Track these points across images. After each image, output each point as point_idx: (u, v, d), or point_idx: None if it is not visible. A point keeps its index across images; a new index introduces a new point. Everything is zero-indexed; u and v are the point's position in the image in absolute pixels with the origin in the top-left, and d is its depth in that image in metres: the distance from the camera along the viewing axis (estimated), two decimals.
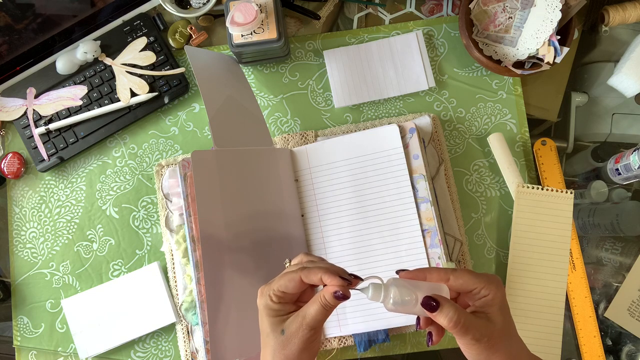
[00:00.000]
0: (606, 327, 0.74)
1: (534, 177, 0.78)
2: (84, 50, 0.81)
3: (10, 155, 0.82)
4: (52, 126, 0.81)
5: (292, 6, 0.83)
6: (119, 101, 0.81)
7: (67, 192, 0.83)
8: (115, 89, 0.82)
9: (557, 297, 0.72)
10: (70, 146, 0.82)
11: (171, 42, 0.83)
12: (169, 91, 0.82)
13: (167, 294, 0.77)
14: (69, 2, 0.81)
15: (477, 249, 0.77)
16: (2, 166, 0.81)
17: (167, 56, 0.82)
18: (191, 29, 0.83)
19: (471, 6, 0.77)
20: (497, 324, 0.45)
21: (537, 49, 0.74)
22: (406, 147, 0.74)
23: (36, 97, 0.83)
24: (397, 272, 0.48)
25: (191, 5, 0.83)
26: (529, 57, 0.76)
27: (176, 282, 0.77)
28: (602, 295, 0.75)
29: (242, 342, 0.65)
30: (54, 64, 0.83)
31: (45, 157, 0.81)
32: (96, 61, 0.83)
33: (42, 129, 0.81)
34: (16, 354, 0.80)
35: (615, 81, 0.78)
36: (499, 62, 0.76)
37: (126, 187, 0.82)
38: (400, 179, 0.73)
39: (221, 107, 0.70)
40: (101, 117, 0.82)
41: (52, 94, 0.83)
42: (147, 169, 0.82)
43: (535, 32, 0.74)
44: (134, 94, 0.81)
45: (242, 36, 0.73)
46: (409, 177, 0.72)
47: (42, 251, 0.82)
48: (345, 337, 0.73)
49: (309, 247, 0.74)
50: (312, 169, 0.76)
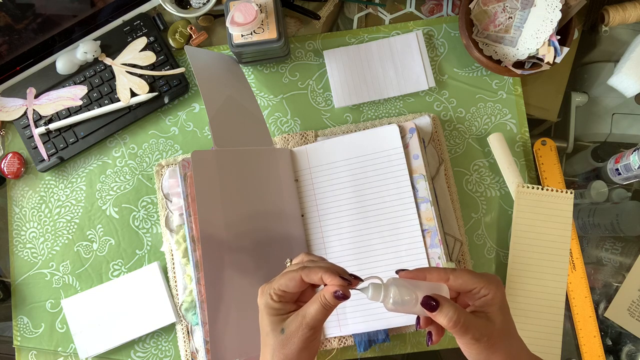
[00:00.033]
0: (606, 327, 0.74)
1: (534, 177, 0.78)
2: (84, 50, 0.81)
3: (10, 155, 0.82)
4: (52, 126, 0.81)
5: (292, 6, 0.83)
6: (119, 101, 0.81)
7: (67, 192, 0.83)
8: (115, 89, 0.82)
9: (557, 297, 0.72)
10: (70, 146, 0.82)
11: (171, 42, 0.83)
12: (169, 91, 0.82)
13: (167, 294, 0.77)
14: (69, 2, 0.81)
15: (477, 249, 0.77)
16: (2, 166, 0.81)
17: (167, 56, 0.82)
18: (191, 29, 0.83)
19: (471, 6, 0.77)
20: (497, 323, 0.45)
21: (537, 49, 0.74)
22: (406, 147, 0.74)
23: (36, 97, 0.83)
24: (397, 272, 0.48)
25: (191, 5, 0.83)
26: (529, 57, 0.76)
27: (176, 282, 0.77)
28: (602, 295, 0.75)
29: (242, 342, 0.65)
30: (54, 64, 0.83)
31: (45, 157, 0.81)
32: (96, 61, 0.83)
33: (42, 129, 0.81)
34: (16, 354, 0.80)
35: (615, 81, 0.78)
36: (499, 62, 0.76)
37: (126, 187, 0.82)
38: (400, 179, 0.73)
39: (221, 107, 0.70)
40: (101, 117, 0.82)
41: (52, 94, 0.83)
42: (147, 169, 0.82)
43: (535, 32, 0.74)
44: (134, 94, 0.81)
45: (242, 36, 0.73)
46: (409, 177, 0.72)
47: (42, 251, 0.82)
48: (345, 337, 0.73)
49: (309, 247, 0.74)
50: (312, 169, 0.76)
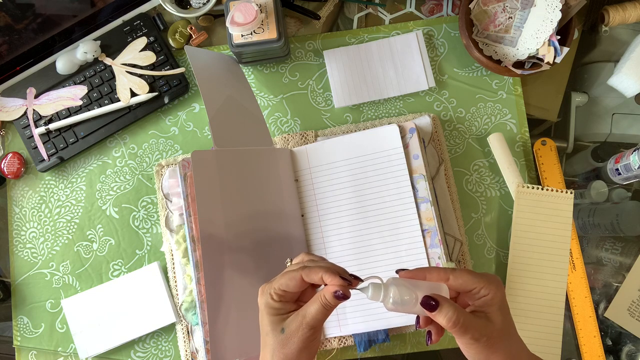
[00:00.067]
0: (606, 327, 0.74)
1: (534, 177, 0.78)
2: (84, 50, 0.81)
3: (10, 155, 0.82)
4: (52, 126, 0.81)
5: (292, 6, 0.83)
6: (119, 101, 0.81)
7: (67, 192, 0.83)
8: (115, 89, 0.82)
9: (557, 297, 0.72)
10: (70, 146, 0.82)
11: (171, 42, 0.83)
12: (169, 91, 0.82)
13: (167, 294, 0.77)
14: (69, 2, 0.81)
15: (477, 249, 0.77)
16: (2, 166, 0.81)
17: (167, 56, 0.82)
18: (191, 29, 0.83)
19: (471, 6, 0.77)
20: (497, 323, 0.45)
21: (537, 49, 0.74)
22: (406, 147, 0.74)
23: (36, 97, 0.83)
24: (397, 272, 0.48)
25: (191, 5, 0.83)
26: (529, 57, 0.76)
27: (176, 282, 0.77)
28: (602, 295, 0.75)
29: (242, 342, 0.65)
30: (54, 64, 0.83)
31: (45, 157, 0.81)
32: (96, 61, 0.83)
33: (42, 129, 0.81)
34: (16, 354, 0.80)
35: (615, 81, 0.78)
36: (499, 62, 0.76)
37: (126, 187, 0.82)
38: (400, 179, 0.73)
39: (221, 107, 0.70)
40: (101, 117, 0.82)
41: (52, 94, 0.83)
42: (147, 169, 0.82)
43: (535, 32, 0.74)
44: (134, 94, 0.81)
45: (242, 36, 0.73)
46: (409, 177, 0.72)
47: (42, 251, 0.82)
48: (345, 337, 0.73)
49: (309, 247, 0.74)
50: (312, 169, 0.76)
